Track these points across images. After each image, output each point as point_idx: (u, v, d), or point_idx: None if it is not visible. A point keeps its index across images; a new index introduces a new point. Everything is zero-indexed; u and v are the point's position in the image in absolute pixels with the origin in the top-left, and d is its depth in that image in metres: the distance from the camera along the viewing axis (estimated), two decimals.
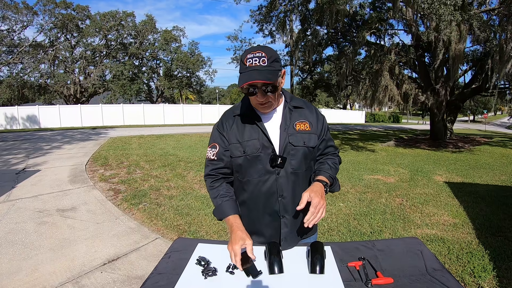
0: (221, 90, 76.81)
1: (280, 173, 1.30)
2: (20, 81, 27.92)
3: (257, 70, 1.16)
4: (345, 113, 40.86)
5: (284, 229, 1.34)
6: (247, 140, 1.31)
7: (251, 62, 1.17)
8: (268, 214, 1.35)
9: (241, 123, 1.35)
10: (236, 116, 1.37)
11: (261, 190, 1.32)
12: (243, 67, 1.19)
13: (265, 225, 1.37)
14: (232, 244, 1.14)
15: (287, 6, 13.95)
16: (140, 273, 2.79)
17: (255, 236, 1.41)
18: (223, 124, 1.38)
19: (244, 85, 1.17)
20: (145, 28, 32.62)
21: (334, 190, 1.36)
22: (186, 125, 25.34)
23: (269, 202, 1.33)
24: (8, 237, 3.55)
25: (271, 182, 1.31)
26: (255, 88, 1.20)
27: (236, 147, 1.33)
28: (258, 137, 1.31)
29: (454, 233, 3.73)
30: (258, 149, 1.29)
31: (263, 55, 1.17)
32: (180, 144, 12.32)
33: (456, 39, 9.80)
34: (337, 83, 18.46)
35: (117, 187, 5.77)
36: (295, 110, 1.38)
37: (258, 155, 1.29)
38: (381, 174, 7.03)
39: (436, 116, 13.82)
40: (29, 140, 13.67)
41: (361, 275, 1.10)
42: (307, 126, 1.35)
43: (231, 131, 1.35)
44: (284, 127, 1.32)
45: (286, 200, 1.32)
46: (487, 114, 35.37)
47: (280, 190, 1.31)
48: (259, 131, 1.31)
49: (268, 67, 1.17)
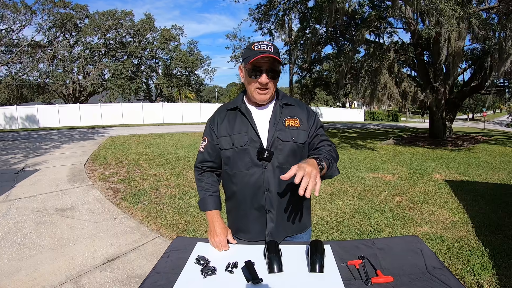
0: (220, 89, 76.77)
1: (267, 166, 1.32)
2: (19, 81, 27.82)
3: (267, 51, 1.23)
4: (344, 112, 40.87)
5: (269, 224, 1.36)
6: (236, 133, 1.36)
7: (260, 47, 1.25)
8: (256, 208, 1.37)
9: (232, 117, 1.40)
10: (229, 110, 1.43)
11: (248, 183, 1.35)
12: (251, 51, 1.26)
13: (252, 220, 1.39)
14: (212, 237, 1.36)
15: (286, 4, 13.95)
16: (140, 272, 2.79)
17: (241, 233, 1.45)
18: (215, 119, 1.44)
19: (255, 59, 1.22)
20: (144, 27, 32.52)
21: (332, 174, 1.28)
22: (185, 124, 25.32)
23: (256, 195, 1.35)
24: (7, 236, 3.54)
25: (258, 176, 1.33)
26: (261, 71, 1.26)
27: (225, 140, 1.38)
28: (247, 131, 1.35)
29: (454, 231, 3.73)
30: (246, 142, 1.33)
31: (270, 45, 1.27)
32: (179, 143, 12.31)
33: (456, 36, 9.80)
34: (336, 82, 18.45)
35: (116, 186, 5.76)
36: (285, 107, 1.41)
37: (245, 148, 1.33)
38: (380, 173, 7.04)
39: (435, 115, 13.82)
40: (28, 139, 13.65)
41: (361, 273, 1.10)
42: (296, 122, 1.37)
43: (222, 125, 1.40)
44: (273, 122, 1.35)
45: (272, 194, 1.34)
46: (486, 113, 35.35)
47: (266, 184, 1.33)
48: (248, 124, 1.35)
49: (276, 54, 1.25)
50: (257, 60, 1.24)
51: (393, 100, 12.65)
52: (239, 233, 1.45)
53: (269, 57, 1.24)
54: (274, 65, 1.27)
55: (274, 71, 1.29)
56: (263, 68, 1.26)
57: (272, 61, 1.26)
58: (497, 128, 31.69)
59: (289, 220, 1.40)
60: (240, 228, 1.45)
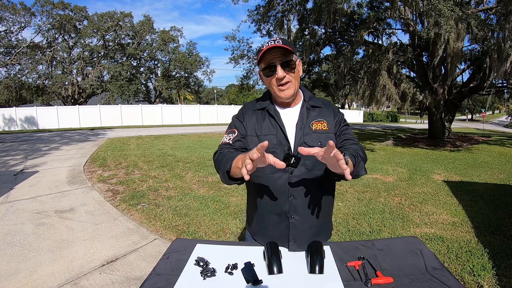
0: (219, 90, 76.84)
1: (294, 172, 1.27)
2: (18, 82, 27.81)
3: (275, 46, 1.21)
4: (343, 113, 40.69)
5: (293, 230, 1.30)
6: (265, 134, 1.30)
7: (268, 44, 1.22)
8: (277, 214, 1.32)
9: (260, 117, 1.35)
10: (256, 110, 1.38)
11: (272, 188, 1.29)
12: (261, 51, 1.24)
13: (270, 225, 1.34)
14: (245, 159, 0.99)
15: (285, 5, 13.94)
16: (139, 274, 2.78)
17: (260, 236, 1.39)
18: (244, 115, 1.39)
19: (261, 54, 1.21)
20: (143, 28, 32.57)
21: (359, 173, 1.18)
22: (185, 126, 25.33)
23: (279, 201, 1.30)
24: (7, 238, 3.53)
25: (283, 181, 1.28)
26: (275, 66, 1.23)
27: (252, 140, 1.32)
28: (276, 133, 1.30)
29: (453, 231, 3.74)
30: (275, 144, 1.28)
31: (278, 39, 1.24)
32: (179, 144, 12.30)
33: (454, 37, 9.82)
34: (335, 83, 18.48)
35: (116, 188, 5.75)
36: (312, 109, 1.36)
37: (273, 151, 1.26)
38: (379, 174, 7.04)
39: (434, 115, 13.85)
40: (27, 141, 13.63)
41: (361, 274, 1.10)
42: (324, 125, 1.33)
43: (250, 122, 1.36)
44: (300, 126, 1.30)
45: (296, 201, 1.29)
46: (485, 113, 35.41)
47: (291, 190, 1.28)
48: (278, 127, 1.30)
49: (284, 44, 1.22)
50: (268, 56, 1.23)
51: (392, 101, 12.67)
52: (257, 235, 1.41)
53: (278, 48, 1.21)
54: (287, 56, 1.24)
55: (289, 63, 1.24)
56: (276, 62, 1.23)
57: (282, 52, 1.23)
58: (496, 129, 31.76)
59: (316, 226, 1.35)
60: (258, 231, 1.40)
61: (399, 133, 20.30)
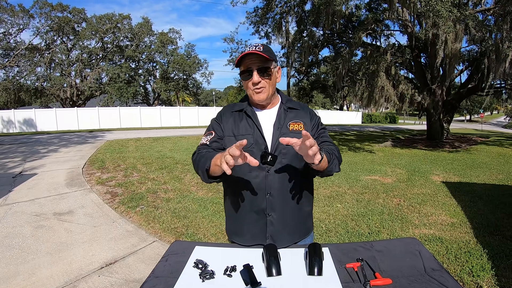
0: (217, 92, 76.84)
1: (270, 170, 1.32)
2: (17, 84, 27.81)
3: (253, 52, 1.26)
4: (342, 114, 40.97)
5: (270, 227, 1.35)
6: (242, 134, 1.35)
7: (248, 50, 1.28)
8: (255, 211, 1.36)
9: (238, 118, 1.40)
10: (234, 112, 1.43)
11: (250, 185, 1.33)
12: (240, 55, 1.30)
13: (249, 222, 1.37)
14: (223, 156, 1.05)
15: (283, 7, 13.96)
16: (138, 277, 2.78)
17: (236, 236, 1.43)
18: (221, 117, 1.44)
19: (238, 60, 1.28)
20: (141, 30, 32.59)
21: (333, 169, 1.26)
22: (183, 128, 25.31)
23: (257, 198, 1.34)
24: (5, 241, 3.52)
25: (261, 179, 1.32)
26: (251, 71, 1.29)
27: (230, 140, 1.36)
28: (253, 133, 1.34)
29: (452, 232, 3.74)
30: (251, 144, 1.32)
31: (260, 45, 1.29)
32: (177, 146, 12.30)
33: (452, 38, 9.86)
34: (333, 84, 18.52)
35: (114, 190, 5.74)
36: (290, 110, 1.41)
37: (250, 150, 1.30)
38: (378, 175, 7.05)
39: (432, 116, 13.88)
40: (26, 143, 13.60)
41: (360, 276, 1.10)
42: (301, 126, 1.37)
43: (227, 124, 1.40)
44: (278, 126, 1.35)
45: (273, 198, 1.33)
46: (483, 114, 35.52)
47: (268, 188, 1.32)
48: (254, 126, 1.35)
49: (264, 52, 1.27)
50: (246, 61, 1.28)
51: (390, 102, 12.70)
52: (234, 236, 1.44)
53: (255, 55, 1.26)
54: (264, 63, 1.29)
55: (265, 69, 1.29)
56: (253, 68, 1.28)
57: (260, 59, 1.28)
58: (495, 129, 31.84)
59: (293, 224, 1.39)
60: (235, 231, 1.44)
61: (398, 134, 20.34)
